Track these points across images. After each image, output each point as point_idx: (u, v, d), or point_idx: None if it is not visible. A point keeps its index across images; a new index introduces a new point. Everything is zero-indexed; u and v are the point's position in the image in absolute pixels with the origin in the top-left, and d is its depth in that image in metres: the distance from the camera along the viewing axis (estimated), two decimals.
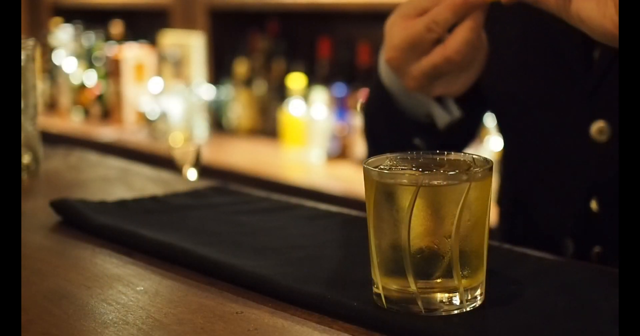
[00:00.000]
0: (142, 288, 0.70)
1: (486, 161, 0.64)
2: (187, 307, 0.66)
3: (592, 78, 0.90)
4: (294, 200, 0.96)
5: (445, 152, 0.66)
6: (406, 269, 0.61)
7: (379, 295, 0.63)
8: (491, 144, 2.20)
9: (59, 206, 0.90)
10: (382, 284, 0.63)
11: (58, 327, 0.63)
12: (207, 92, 3.05)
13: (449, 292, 0.62)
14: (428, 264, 0.61)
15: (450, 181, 0.61)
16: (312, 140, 2.68)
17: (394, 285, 0.62)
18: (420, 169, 0.64)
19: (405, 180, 0.61)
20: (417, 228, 0.61)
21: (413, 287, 0.61)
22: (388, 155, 0.66)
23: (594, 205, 0.92)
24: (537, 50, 0.96)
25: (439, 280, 0.62)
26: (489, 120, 1.21)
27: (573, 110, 0.93)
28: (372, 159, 0.65)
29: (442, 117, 0.97)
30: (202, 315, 0.64)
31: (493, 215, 0.74)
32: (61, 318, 0.64)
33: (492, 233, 0.85)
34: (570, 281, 0.69)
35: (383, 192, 0.62)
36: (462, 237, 0.61)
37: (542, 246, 0.94)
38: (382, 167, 0.64)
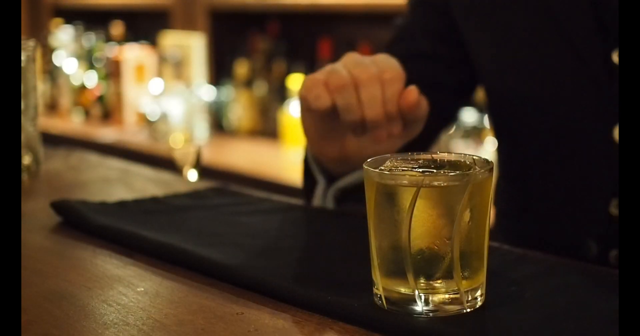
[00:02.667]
0: (142, 289, 0.70)
1: (486, 162, 0.64)
2: (188, 308, 0.66)
3: (615, 81, 0.89)
4: (295, 201, 0.96)
5: (446, 153, 0.66)
6: (406, 270, 0.61)
7: (379, 296, 0.63)
8: (491, 145, 2.19)
9: (60, 207, 0.90)
10: (383, 285, 0.63)
11: (58, 328, 0.63)
12: (207, 93, 3.05)
13: (449, 293, 0.62)
14: (428, 265, 0.61)
15: (450, 182, 0.61)
16: None
17: (394, 286, 0.62)
18: (420, 170, 0.64)
19: (405, 181, 0.61)
20: (417, 229, 0.61)
21: (413, 288, 0.61)
22: (388, 155, 0.66)
23: (613, 208, 0.91)
24: (555, 54, 0.96)
25: (439, 281, 0.61)
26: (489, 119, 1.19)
27: (595, 113, 0.92)
28: (372, 160, 0.65)
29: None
30: (202, 316, 0.64)
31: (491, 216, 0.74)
32: (61, 319, 0.64)
33: (493, 234, 0.85)
34: (570, 282, 0.69)
35: (383, 193, 0.62)
36: (462, 238, 0.61)
37: (561, 248, 0.94)
38: (382, 168, 0.64)
